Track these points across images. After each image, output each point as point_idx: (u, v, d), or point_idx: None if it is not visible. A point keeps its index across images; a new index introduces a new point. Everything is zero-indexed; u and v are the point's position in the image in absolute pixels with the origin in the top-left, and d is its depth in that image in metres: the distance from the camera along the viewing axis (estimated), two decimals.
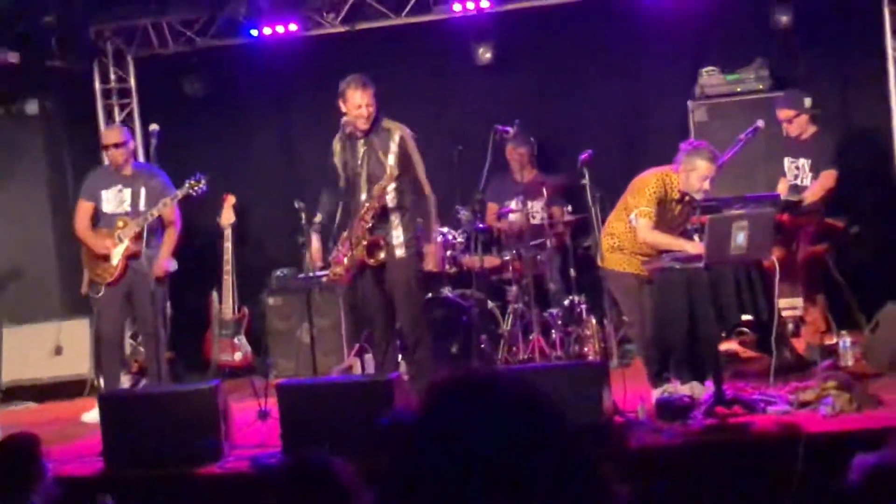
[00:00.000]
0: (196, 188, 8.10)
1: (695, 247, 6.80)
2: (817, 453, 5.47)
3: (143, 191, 8.07)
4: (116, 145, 8.14)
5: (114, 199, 8.13)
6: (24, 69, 9.42)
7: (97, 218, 8.20)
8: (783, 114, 7.93)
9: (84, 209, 8.21)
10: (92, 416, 7.67)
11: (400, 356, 7.32)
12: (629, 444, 5.84)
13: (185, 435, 6.31)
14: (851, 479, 4.03)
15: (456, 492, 1.58)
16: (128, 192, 8.11)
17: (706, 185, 6.97)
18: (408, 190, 7.06)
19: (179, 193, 8.07)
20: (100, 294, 8.10)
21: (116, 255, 8.02)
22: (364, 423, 5.58)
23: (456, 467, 1.59)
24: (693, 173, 6.93)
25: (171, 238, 8.30)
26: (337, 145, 7.12)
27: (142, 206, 8.05)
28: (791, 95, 8.10)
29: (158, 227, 8.22)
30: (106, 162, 8.34)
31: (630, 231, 7.07)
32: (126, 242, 8.01)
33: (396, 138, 7.00)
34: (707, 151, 6.98)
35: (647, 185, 7.03)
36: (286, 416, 6.27)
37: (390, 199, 7.00)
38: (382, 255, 6.98)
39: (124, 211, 8.09)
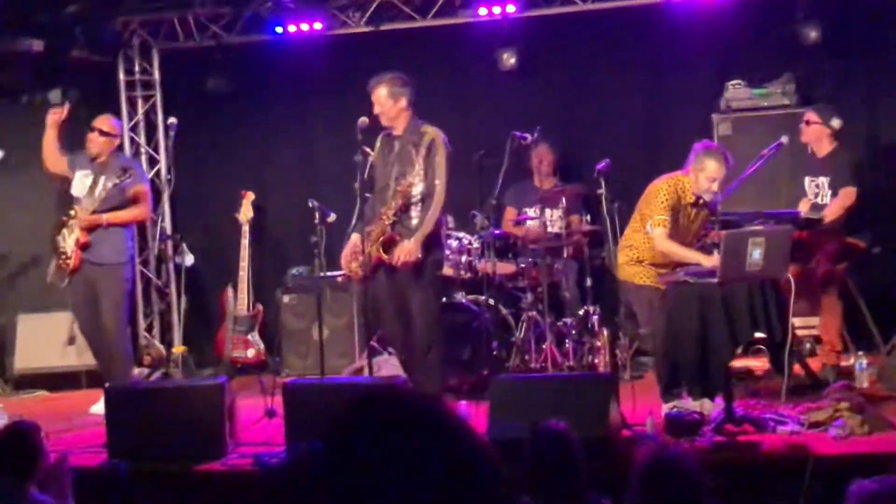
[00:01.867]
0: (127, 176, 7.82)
1: (711, 260, 6.73)
2: (825, 475, 5.40)
3: (102, 179, 7.90)
4: (103, 132, 8.03)
5: (79, 183, 7.99)
6: (48, 58, 9.43)
7: (62, 200, 8.12)
8: (807, 115, 7.88)
9: (58, 155, 8.11)
10: (99, 407, 7.65)
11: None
12: (633, 457, 5.76)
13: (189, 431, 6.29)
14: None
15: None
16: (89, 180, 7.96)
17: (714, 186, 6.91)
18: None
19: (116, 180, 7.77)
20: (65, 283, 7.98)
21: (70, 244, 7.89)
22: None
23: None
24: (701, 174, 6.89)
25: (129, 212, 8.05)
26: (377, 143, 7.19)
27: (97, 194, 7.89)
28: (824, 107, 8.01)
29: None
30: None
31: (648, 241, 7.01)
32: (76, 233, 7.86)
33: (427, 141, 7.00)
34: (717, 152, 6.93)
35: (658, 192, 6.97)
36: (291, 416, 6.24)
37: (415, 198, 6.97)
38: (398, 251, 6.95)
39: (81, 196, 7.93)
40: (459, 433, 1.65)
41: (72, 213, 7.90)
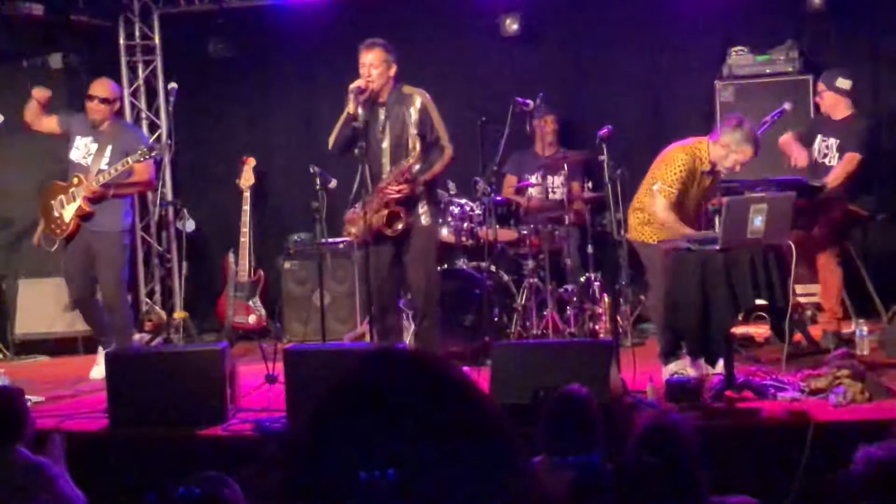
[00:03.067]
0: (147, 156, 7.70)
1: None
2: (825, 442, 5.41)
3: (108, 148, 7.84)
4: (103, 100, 7.94)
5: (83, 149, 7.90)
6: (48, 22, 9.38)
7: (64, 165, 8.01)
8: (818, 84, 7.86)
9: (46, 117, 8.04)
10: (98, 371, 7.67)
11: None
12: (634, 423, 5.78)
13: (190, 396, 6.30)
14: (855, 470, 3.98)
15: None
16: (94, 147, 7.88)
17: (737, 168, 6.90)
18: (433, 156, 7.04)
19: (129, 160, 7.66)
20: (54, 248, 7.95)
21: (69, 213, 7.82)
22: None
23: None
24: (734, 154, 6.82)
25: (136, 185, 8.10)
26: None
27: (103, 164, 7.81)
28: (830, 73, 7.97)
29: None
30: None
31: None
32: (79, 202, 7.78)
33: (417, 104, 6.98)
34: (757, 140, 6.87)
35: (675, 160, 6.93)
36: (292, 381, 6.24)
37: (414, 175, 6.96)
38: (401, 226, 6.95)
39: (85, 164, 7.85)
40: (469, 391, 1.65)
41: (75, 180, 7.83)
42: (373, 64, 6.92)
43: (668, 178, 6.89)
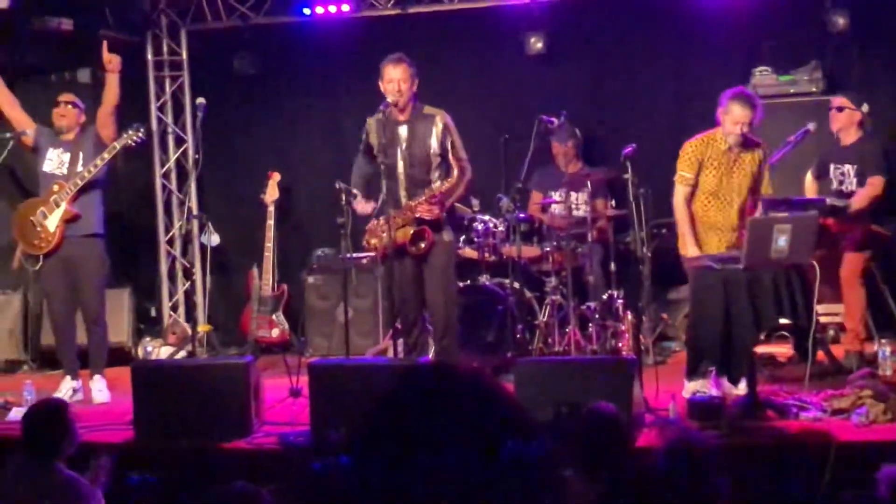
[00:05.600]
0: (135, 137, 7.69)
1: (692, 250, 6.94)
2: (848, 462, 5.41)
3: (80, 154, 7.76)
4: (73, 104, 7.88)
5: (56, 160, 7.80)
6: (77, 37, 9.47)
7: (35, 177, 7.92)
8: (836, 101, 7.87)
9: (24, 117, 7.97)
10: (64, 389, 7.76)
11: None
12: (656, 441, 5.79)
13: (215, 409, 6.35)
14: (879, 491, 4.00)
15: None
16: (67, 156, 7.80)
17: (738, 129, 6.93)
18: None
19: (118, 144, 7.65)
20: (38, 266, 7.80)
21: (54, 221, 7.71)
22: None
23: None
24: (727, 117, 6.97)
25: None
26: (372, 124, 7.11)
27: (79, 168, 7.75)
28: (847, 94, 7.98)
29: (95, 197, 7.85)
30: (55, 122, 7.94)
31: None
32: (63, 206, 7.68)
33: (440, 125, 7.01)
34: (744, 97, 6.98)
35: (686, 147, 7.10)
36: (316, 395, 6.29)
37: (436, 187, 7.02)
38: (423, 245, 6.99)
39: (61, 174, 7.76)
40: (507, 402, 1.68)
41: (55, 187, 7.71)
42: (402, 78, 6.96)
43: (679, 166, 7.07)
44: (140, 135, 7.76)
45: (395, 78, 6.96)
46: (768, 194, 7.18)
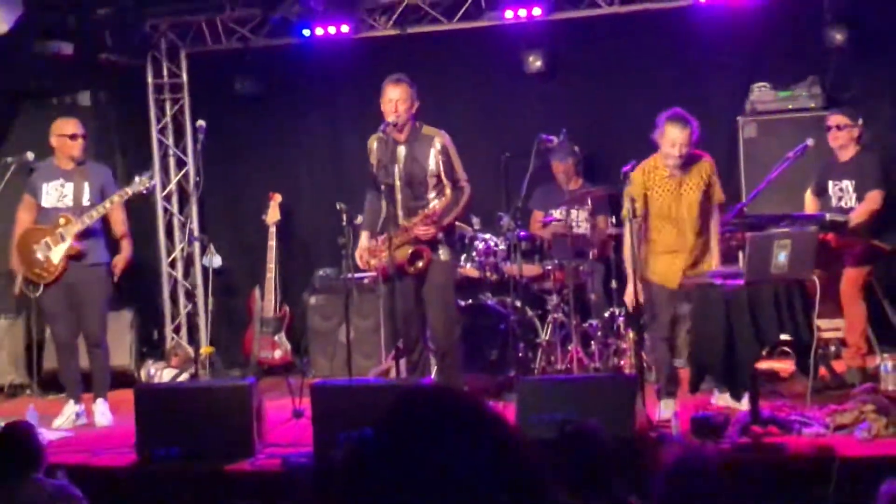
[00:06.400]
0: (146, 185, 7.77)
1: (629, 291, 7.01)
2: (851, 477, 5.41)
3: (86, 185, 7.77)
4: (83, 135, 7.87)
5: (54, 193, 7.77)
6: (77, 61, 9.50)
7: (37, 212, 7.86)
8: (834, 119, 7.85)
9: (26, 204, 7.90)
10: (65, 421, 7.78)
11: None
12: (659, 459, 5.79)
13: (218, 431, 6.35)
14: None
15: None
16: (70, 186, 7.77)
17: (675, 151, 6.96)
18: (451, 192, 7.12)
19: (129, 190, 7.69)
20: (38, 294, 7.78)
21: (58, 254, 7.67)
22: None
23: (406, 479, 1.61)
24: (663, 139, 7.03)
25: (126, 251, 8.01)
26: (373, 143, 7.17)
27: (85, 201, 7.74)
28: (843, 111, 8.00)
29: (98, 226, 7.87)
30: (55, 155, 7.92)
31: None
32: (69, 241, 7.65)
33: (438, 145, 7.06)
34: (679, 117, 7.02)
35: (632, 176, 7.10)
36: (319, 416, 6.29)
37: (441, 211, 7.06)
38: (421, 264, 7.02)
39: (65, 206, 7.75)
40: (503, 428, 1.69)
41: (61, 220, 7.68)
42: (400, 99, 7.00)
43: (624, 202, 7.04)
44: (150, 185, 7.83)
45: (393, 98, 7.00)
46: (721, 200, 7.20)
